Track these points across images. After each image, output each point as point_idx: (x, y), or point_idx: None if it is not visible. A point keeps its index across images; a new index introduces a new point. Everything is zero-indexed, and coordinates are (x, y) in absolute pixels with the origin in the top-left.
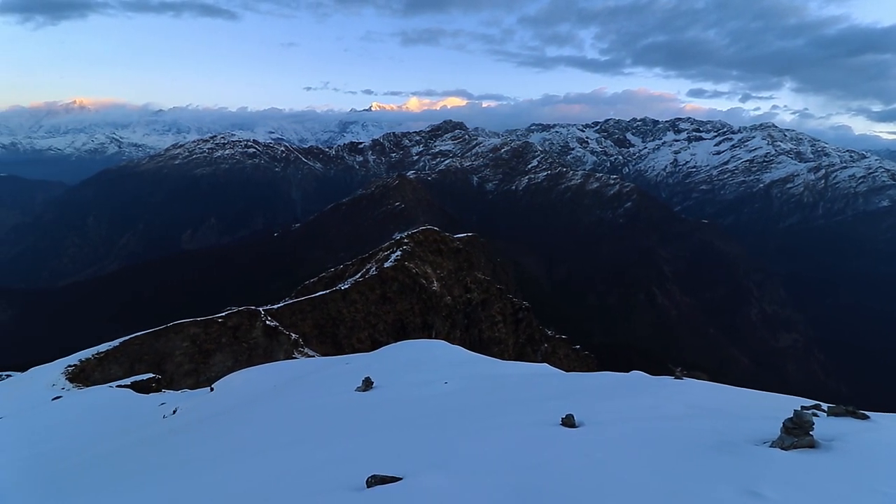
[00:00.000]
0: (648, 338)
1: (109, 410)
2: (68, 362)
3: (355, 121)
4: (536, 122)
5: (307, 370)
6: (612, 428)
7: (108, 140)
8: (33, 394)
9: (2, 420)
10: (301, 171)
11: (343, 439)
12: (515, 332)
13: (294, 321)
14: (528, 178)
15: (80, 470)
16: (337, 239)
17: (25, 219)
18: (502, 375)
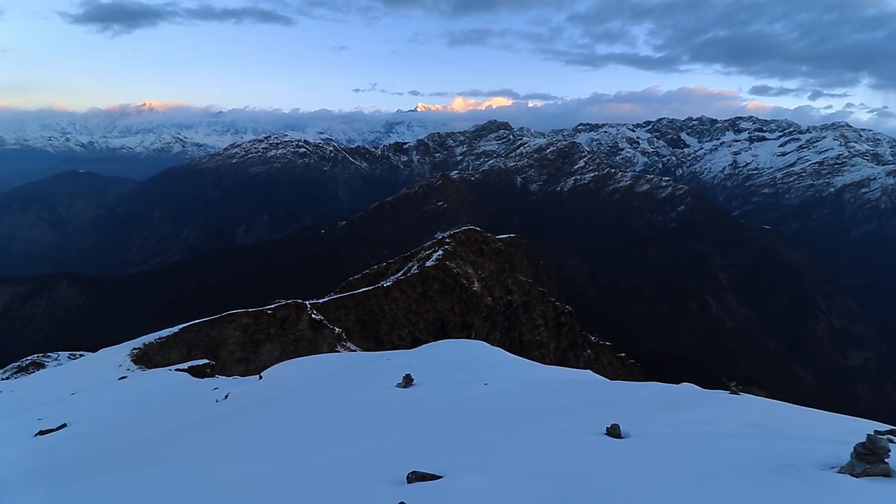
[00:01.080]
0: (700, 349)
1: (168, 392)
2: (133, 345)
3: (401, 121)
4: (584, 122)
5: (349, 364)
6: (660, 441)
7: (174, 140)
8: (102, 373)
9: (75, 395)
10: (348, 170)
11: (383, 434)
12: (557, 336)
13: (338, 316)
14: (573, 180)
15: (142, 445)
16: (380, 237)
17: (100, 211)
18: (544, 380)
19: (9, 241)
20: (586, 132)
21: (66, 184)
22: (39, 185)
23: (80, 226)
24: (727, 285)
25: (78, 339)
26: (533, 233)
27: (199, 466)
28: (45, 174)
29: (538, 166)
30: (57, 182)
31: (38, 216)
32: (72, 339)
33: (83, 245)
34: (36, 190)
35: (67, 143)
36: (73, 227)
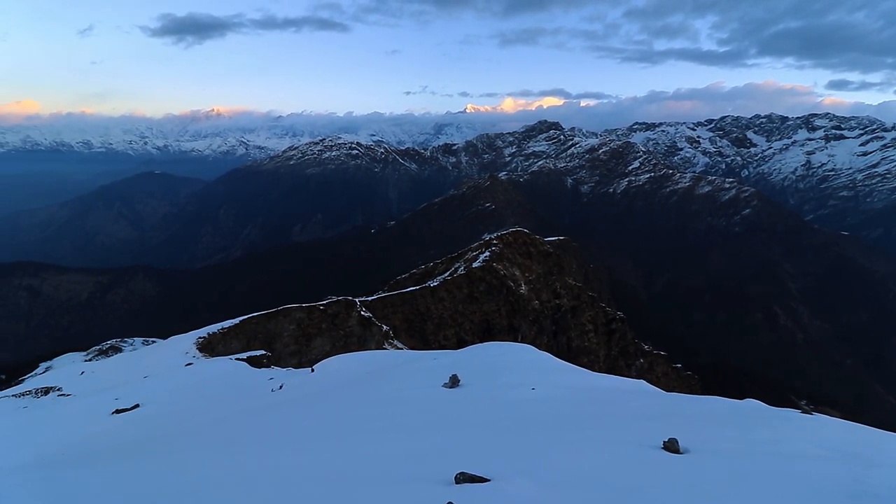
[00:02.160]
0: (765, 363)
1: (229, 379)
2: (199, 334)
3: (450, 123)
4: (640, 121)
5: (397, 361)
6: (723, 459)
7: (238, 143)
8: (171, 359)
9: (147, 379)
10: (398, 171)
11: (430, 433)
12: (608, 343)
13: (385, 314)
14: (627, 181)
15: (205, 429)
16: (428, 237)
17: (173, 209)
18: (594, 388)
19: (94, 236)
20: (642, 132)
21: (143, 184)
22: (121, 184)
23: (155, 222)
24: (798, 295)
25: (151, 326)
26: (583, 236)
27: (256, 453)
28: (126, 175)
29: (590, 167)
30: (136, 182)
31: (120, 213)
32: (145, 327)
33: (157, 240)
34: (118, 189)
35: (145, 146)
36: (149, 223)
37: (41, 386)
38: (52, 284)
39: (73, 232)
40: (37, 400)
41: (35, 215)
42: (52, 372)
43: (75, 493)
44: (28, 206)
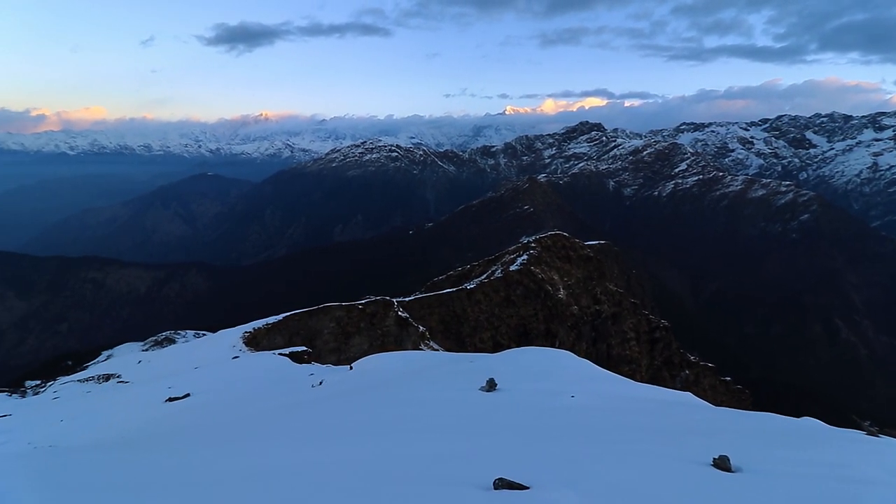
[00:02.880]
0: (824, 380)
1: (272, 373)
2: (245, 329)
3: (489, 125)
4: (688, 121)
5: (433, 363)
6: (779, 480)
7: (284, 146)
8: (220, 351)
9: (198, 369)
10: (436, 173)
11: (468, 436)
12: (650, 352)
13: (422, 314)
14: (673, 184)
15: (250, 420)
16: (465, 239)
17: (223, 209)
18: (637, 398)
19: (152, 233)
20: (690, 132)
21: (197, 185)
22: (177, 185)
23: (207, 221)
24: (862, 307)
25: (202, 320)
26: (625, 240)
27: (297, 445)
28: (182, 176)
29: (633, 169)
30: (190, 183)
31: (175, 212)
32: (197, 320)
33: (209, 238)
34: (174, 190)
35: (199, 149)
36: (202, 222)
37: (103, 373)
38: (114, 278)
39: (133, 229)
40: (99, 386)
41: (101, 213)
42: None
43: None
44: (95, 204)
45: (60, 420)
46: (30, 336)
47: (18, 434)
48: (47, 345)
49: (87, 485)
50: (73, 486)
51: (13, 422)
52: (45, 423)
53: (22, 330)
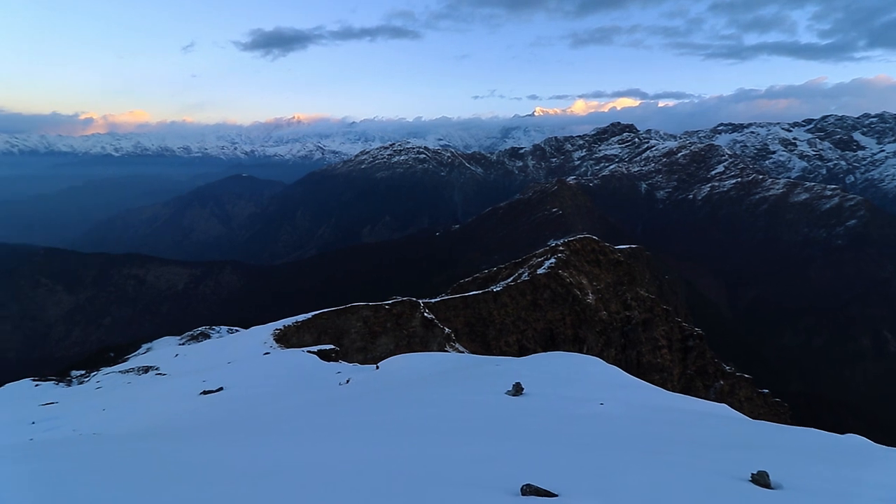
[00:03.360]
0: (871, 396)
1: (301, 370)
2: (276, 326)
3: (517, 126)
4: (725, 122)
5: (459, 365)
6: (823, 500)
7: (315, 148)
8: (252, 348)
9: (231, 364)
10: (464, 175)
11: (494, 440)
12: (683, 361)
13: (448, 316)
14: (709, 186)
15: (279, 414)
16: (492, 241)
17: (257, 210)
18: (669, 408)
19: (190, 232)
20: (727, 133)
21: (232, 186)
22: (213, 186)
23: (241, 221)
24: None
25: (235, 316)
26: (658, 244)
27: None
28: (218, 177)
29: (667, 171)
30: (226, 184)
31: (212, 212)
32: (230, 316)
33: (243, 237)
34: (211, 190)
35: (235, 151)
36: (237, 221)
37: (142, 365)
38: (154, 274)
39: (172, 228)
40: (138, 377)
41: (143, 212)
42: (151, 353)
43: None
44: (137, 204)
45: (103, 409)
46: (76, 328)
47: (64, 421)
48: (92, 337)
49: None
50: (115, 473)
51: (60, 409)
52: (89, 411)
53: (69, 322)
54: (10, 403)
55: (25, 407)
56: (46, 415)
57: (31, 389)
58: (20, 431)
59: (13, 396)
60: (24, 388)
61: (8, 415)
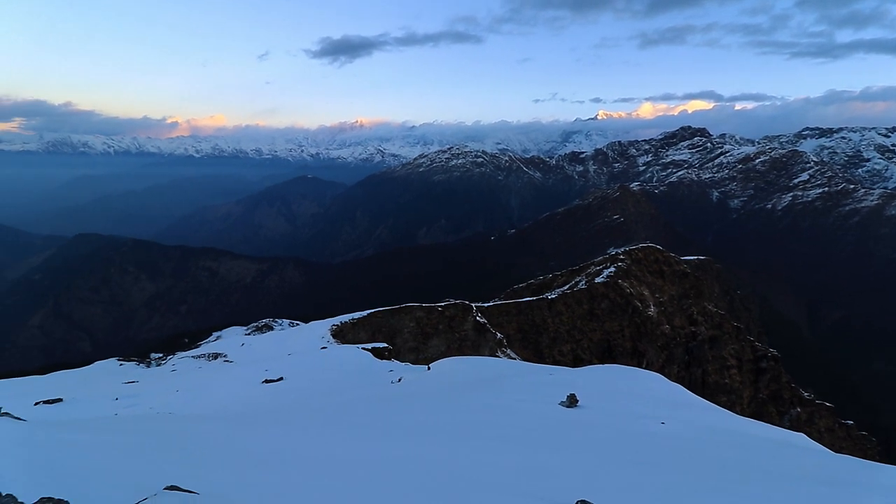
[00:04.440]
0: None
1: (355, 366)
2: (333, 322)
3: (578, 130)
4: (811, 126)
5: (511, 371)
6: None
7: (376, 151)
8: (310, 341)
9: (290, 356)
10: (521, 179)
11: (547, 451)
12: (754, 383)
13: (500, 321)
14: (791, 196)
15: (334, 407)
16: (548, 248)
17: (319, 210)
18: (739, 433)
19: (258, 229)
20: (814, 138)
21: (298, 186)
22: (281, 187)
23: (305, 220)
24: None
25: (296, 310)
26: (730, 257)
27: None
28: (285, 178)
29: (742, 179)
30: (292, 185)
31: (279, 211)
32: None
33: (306, 235)
34: (278, 191)
35: (301, 153)
36: (301, 220)
37: (212, 351)
38: (226, 268)
39: (243, 225)
40: (208, 363)
41: (218, 210)
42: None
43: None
44: (213, 202)
45: (176, 390)
46: (156, 314)
47: (143, 399)
48: (170, 322)
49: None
50: (185, 450)
51: (139, 388)
52: (164, 391)
53: (150, 308)
54: (99, 380)
55: (111, 384)
56: (128, 392)
57: (116, 368)
58: (106, 406)
59: (101, 373)
60: (111, 367)
61: (97, 390)
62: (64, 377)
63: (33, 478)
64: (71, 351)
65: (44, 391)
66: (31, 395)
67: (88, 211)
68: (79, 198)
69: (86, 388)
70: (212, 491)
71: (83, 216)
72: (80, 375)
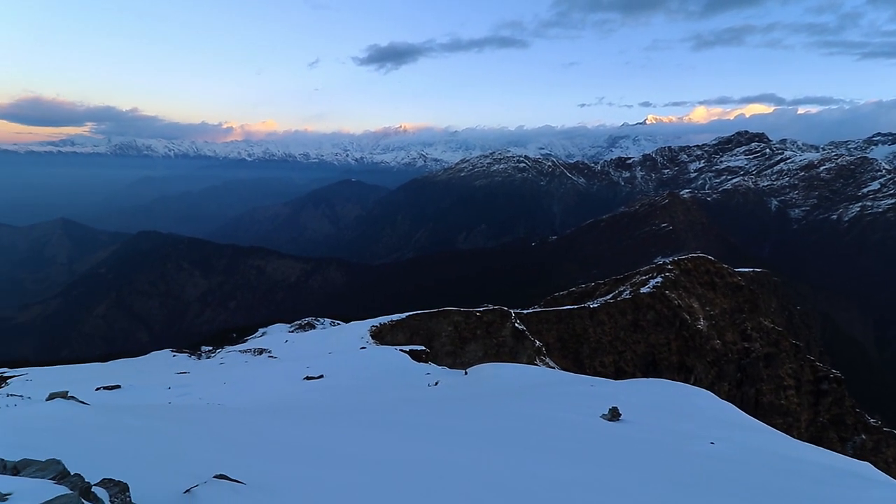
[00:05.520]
0: None
1: (393, 367)
2: (372, 323)
3: (626, 135)
4: (884, 132)
5: (550, 380)
6: None
7: (418, 156)
8: (350, 341)
9: (331, 355)
10: (564, 185)
11: (588, 465)
12: (814, 406)
13: (539, 329)
14: (859, 206)
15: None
16: (591, 255)
17: (362, 212)
18: (796, 459)
19: (304, 230)
20: (886, 144)
21: (342, 190)
22: (326, 190)
23: (348, 222)
24: None
25: (337, 310)
26: (789, 270)
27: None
28: (330, 182)
29: (805, 187)
30: (337, 188)
31: (324, 213)
32: (333, 309)
33: (349, 237)
34: (323, 194)
35: (346, 158)
36: (344, 223)
37: (257, 347)
38: (273, 266)
39: (290, 226)
40: (254, 358)
41: (267, 211)
42: (266, 337)
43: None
44: (263, 203)
45: (224, 382)
46: (207, 308)
47: (193, 389)
48: (220, 317)
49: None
50: (234, 441)
51: (190, 378)
52: (213, 383)
53: (202, 303)
54: (154, 369)
55: (164, 373)
56: (180, 382)
57: (169, 358)
58: (160, 394)
59: (156, 363)
60: (165, 357)
61: (152, 378)
62: (122, 365)
63: (95, 459)
64: (129, 340)
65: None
66: (93, 381)
67: (150, 210)
68: (141, 197)
69: (142, 376)
70: (257, 482)
71: (145, 215)
72: (136, 364)
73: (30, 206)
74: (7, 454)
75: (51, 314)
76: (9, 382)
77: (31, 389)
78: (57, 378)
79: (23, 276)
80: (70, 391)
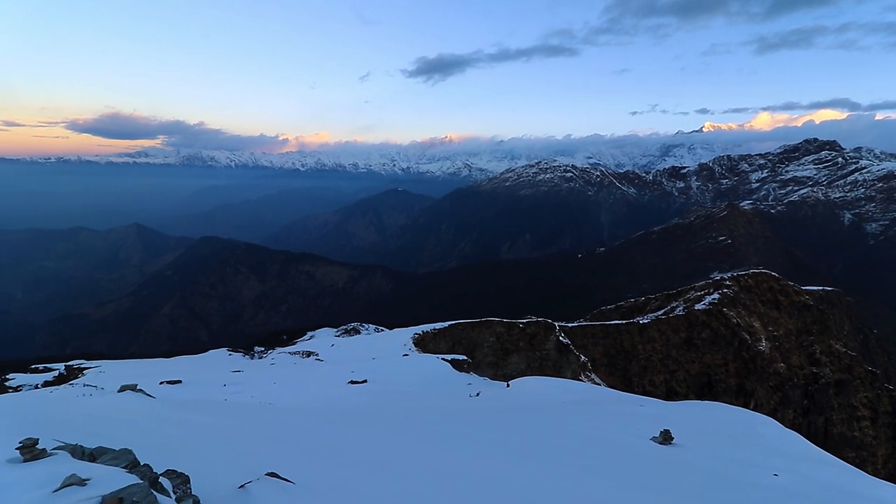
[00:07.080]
0: None
1: (435, 375)
2: (415, 330)
3: (680, 143)
4: None
5: (596, 397)
6: None
7: (463, 165)
8: (393, 348)
9: (375, 360)
10: (613, 195)
11: (638, 489)
12: (892, 440)
13: (585, 343)
14: None
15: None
16: (641, 268)
17: (408, 221)
18: (871, 498)
19: (351, 238)
20: None
21: (389, 199)
22: (373, 199)
23: (394, 231)
24: None
25: (382, 316)
26: (865, 289)
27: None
28: (378, 191)
29: (883, 199)
30: (384, 197)
31: (370, 221)
32: (378, 315)
33: (394, 246)
34: (371, 203)
35: (393, 168)
36: (390, 231)
37: (306, 349)
38: (322, 272)
39: (338, 234)
40: (302, 360)
41: (318, 219)
42: (313, 340)
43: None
44: (314, 211)
45: (273, 382)
46: (261, 311)
47: (246, 387)
48: (272, 320)
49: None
50: (284, 440)
51: (244, 377)
52: (264, 382)
53: (256, 306)
54: (211, 366)
55: (220, 371)
56: (234, 380)
57: (225, 357)
58: (216, 390)
59: (214, 361)
60: (221, 356)
61: (209, 375)
62: (184, 362)
63: (160, 450)
64: (190, 339)
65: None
66: (158, 375)
67: (212, 216)
68: (205, 205)
69: (200, 372)
70: (306, 482)
71: (208, 221)
72: (196, 361)
73: (108, 211)
74: (85, 440)
75: (123, 312)
76: (85, 373)
77: (104, 381)
78: (127, 371)
79: (100, 276)
80: (138, 384)
